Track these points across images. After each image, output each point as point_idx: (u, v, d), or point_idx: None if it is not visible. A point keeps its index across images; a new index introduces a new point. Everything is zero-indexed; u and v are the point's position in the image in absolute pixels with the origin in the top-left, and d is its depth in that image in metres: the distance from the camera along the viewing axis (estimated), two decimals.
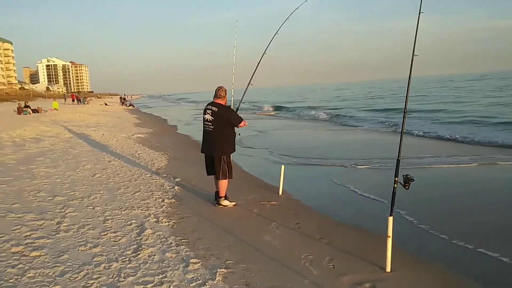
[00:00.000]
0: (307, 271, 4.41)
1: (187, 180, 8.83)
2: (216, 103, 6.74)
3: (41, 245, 4.86)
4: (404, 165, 6.39)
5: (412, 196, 5.65)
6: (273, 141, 16.56)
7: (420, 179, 5.38)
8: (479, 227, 5.85)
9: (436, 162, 10.58)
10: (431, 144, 14.75)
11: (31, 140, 14.43)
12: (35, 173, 8.94)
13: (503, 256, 4.75)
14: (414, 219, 6.12)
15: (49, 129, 18.27)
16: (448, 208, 6.76)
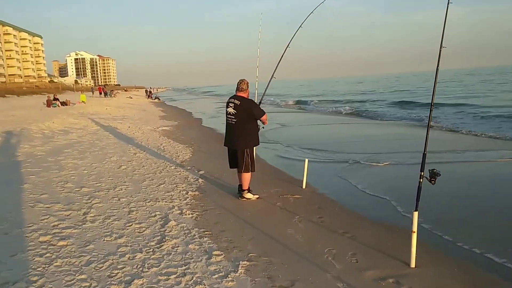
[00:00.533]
0: (330, 265, 4.39)
1: (211, 173, 8.88)
2: (238, 96, 6.73)
3: (68, 235, 4.98)
4: (431, 160, 6.26)
5: (440, 191, 5.54)
6: (297, 134, 16.50)
7: (449, 174, 5.27)
8: (508, 227, 5.70)
9: (465, 157, 10.35)
10: (462, 139, 14.43)
11: (59, 132, 14.76)
12: (63, 164, 9.14)
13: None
14: (441, 215, 6.02)
15: (77, 121, 18.64)
16: (476, 205, 6.61)
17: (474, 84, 59.83)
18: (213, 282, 3.91)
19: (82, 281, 3.83)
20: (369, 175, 8.65)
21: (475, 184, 7.86)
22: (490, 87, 48.33)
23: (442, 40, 4.45)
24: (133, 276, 3.97)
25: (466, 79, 77.75)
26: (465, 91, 43.70)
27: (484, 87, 49.54)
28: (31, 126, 15.25)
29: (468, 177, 8.38)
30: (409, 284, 3.95)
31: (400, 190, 7.45)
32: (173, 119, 23.71)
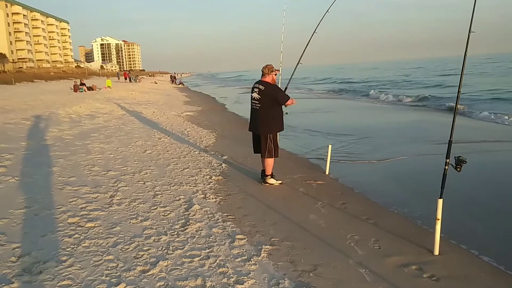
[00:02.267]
0: (352, 251, 4.39)
1: (234, 158, 8.94)
2: (263, 81, 6.72)
3: (95, 217, 5.11)
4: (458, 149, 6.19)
5: (465, 179, 5.46)
6: (321, 120, 16.39)
7: (476, 162, 5.17)
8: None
9: (492, 146, 10.14)
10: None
11: (86, 116, 15.03)
12: (90, 148, 9.33)
13: None
14: (466, 203, 5.94)
15: (103, 106, 18.93)
16: (502, 193, 6.50)
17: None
18: (236, 265, 3.97)
19: (109, 262, 3.94)
20: (394, 163, 8.55)
21: (501, 172, 7.70)
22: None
23: (471, 25, 4.34)
24: (158, 258, 4.06)
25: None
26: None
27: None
28: (58, 111, 15.58)
29: (494, 165, 8.22)
30: (432, 272, 3.94)
31: (425, 177, 7.37)
32: (197, 105, 23.85)
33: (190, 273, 3.79)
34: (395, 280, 3.77)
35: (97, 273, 3.71)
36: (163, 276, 3.71)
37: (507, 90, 25.10)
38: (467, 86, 28.57)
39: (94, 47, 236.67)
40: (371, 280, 3.78)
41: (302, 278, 3.77)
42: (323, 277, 3.80)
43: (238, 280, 3.68)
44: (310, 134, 12.49)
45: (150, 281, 3.62)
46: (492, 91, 25.60)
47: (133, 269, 3.81)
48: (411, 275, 3.89)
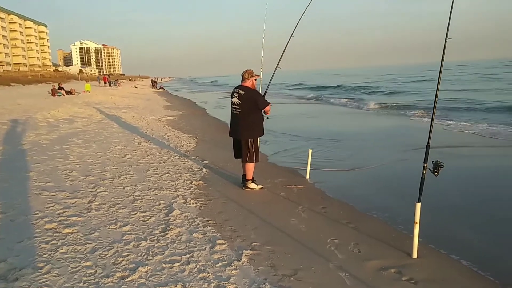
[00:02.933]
0: (332, 255, 4.42)
1: (215, 162, 8.92)
2: (243, 86, 6.73)
3: (73, 223, 5.03)
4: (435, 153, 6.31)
5: (443, 183, 5.55)
6: (301, 125, 16.48)
7: (453, 166, 5.27)
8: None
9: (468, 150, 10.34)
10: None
11: (64, 121, 14.82)
12: (68, 153, 9.19)
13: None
14: (444, 207, 6.04)
15: (82, 110, 18.69)
16: (479, 197, 6.63)
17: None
18: (217, 270, 3.95)
19: (87, 268, 3.88)
20: (374, 166, 8.64)
21: (477, 176, 7.86)
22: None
23: (448, 31, 4.43)
24: (137, 264, 4.01)
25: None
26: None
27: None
28: (36, 115, 15.32)
29: (470, 169, 8.38)
30: (410, 275, 3.98)
31: (404, 181, 7.48)
32: (177, 109, 23.73)
33: (170, 278, 3.76)
34: (374, 284, 3.81)
35: (74, 280, 3.65)
36: (143, 282, 3.67)
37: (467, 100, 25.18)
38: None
39: (73, 51, 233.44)
40: (351, 283, 3.81)
41: (283, 283, 3.77)
42: (304, 281, 3.81)
43: (219, 285, 3.66)
44: (291, 138, 12.52)
45: (129, 287, 3.58)
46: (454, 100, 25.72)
47: (112, 275, 3.76)
48: (390, 279, 3.93)
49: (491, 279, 3.97)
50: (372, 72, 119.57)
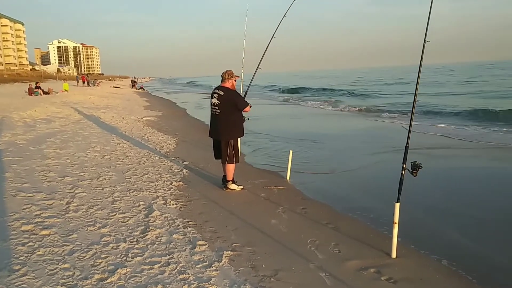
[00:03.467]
0: (312, 255, 4.44)
1: (195, 163, 8.88)
2: (222, 87, 6.72)
3: (50, 224, 4.94)
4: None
5: (421, 184, 5.63)
6: (282, 126, 16.54)
7: (431, 167, 5.35)
8: (486, 217, 5.83)
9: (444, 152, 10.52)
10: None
11: (41, 121, 14.55)
12: (45, 153, 9.03)
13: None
14: (422, 207, 6.13)
15: (60, 110, 18.40)
16: (456, 197, 6.75)
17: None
18: (197, 272, 3.93)
19: (65, 270, 3.81)
20: (354, 168, 8.73)
21: (454, 177, 8.00)
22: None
23: (426, 34, 4.49)
24: (116, 265, 3.97)
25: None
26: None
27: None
28: (12, 115, 15.00)
29: (448, 170, 8.53)
30: (389, 274, 4.03)
31: (383, 182, 7.57)
32: (157, 109, 23.57)
33: (150, 280, 3.72)
34: (354, 283, 3.84)
35: (52, 282, 3.58)
36: (122, 284, 3.63)
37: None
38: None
39: (51, 50, 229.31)
40: (331, 283, 3.83)
41: (263, 283, 3.77)
42: (284, 282, 3.82)
43: (199, 287, 3.64)
44: (272, 139, 12.54)
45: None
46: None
47: (90, 278, 3.70)
48: (370, 278, 3.97)
49: (468, 278, 4.04)
50: (352, 74, 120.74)
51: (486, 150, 10.83)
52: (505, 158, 9.92)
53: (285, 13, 8.21)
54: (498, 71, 72.66)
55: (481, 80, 49.27)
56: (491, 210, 6.09)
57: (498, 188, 7.20)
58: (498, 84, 41.26)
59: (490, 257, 4.56)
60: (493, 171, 8.50)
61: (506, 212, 5.98)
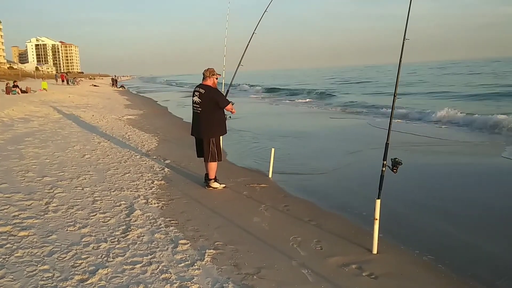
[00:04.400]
0: (295, 252, 4.46)
1: (177, 162, 8.83)
2: (204, 85, 6.70)
3: (29, 225, 4.86)
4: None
5: (401, 180, 5.70)
6: (264, 124, 16.57)
7: (411, 163, 5.42)
8: (465, 213, 5.93)
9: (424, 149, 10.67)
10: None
11: (19, 120, 14.28)
12: (23, 153, 8.87)
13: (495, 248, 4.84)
14: (403, 203, 6.21)
15: (38, 109, 18.09)
16: (435, 193, 6.85)
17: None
18: (179, 271, 3.91)
19: (44, 272, 3.75)
20: (335, 165, 8.79)
21: (434, 173, 8.12)
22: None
23: (406, 32, 4.54)
24: (97, 266, 3.92)
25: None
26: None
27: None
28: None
29: (427, 167, 8.66)
30: (371, 270, 4.07)
31: (364, 178, 7.64)
32: (138, 108, 23.37)
33: (132, 280, 3.69)
34: (336, 280, 3.86)
35: (31, 284, 3.52)
36: (103, 285, 3.59)
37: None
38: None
39: (29, 48, 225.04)
40: (313, 280, 3.85)
41: (246, 281, 3.77)
42: (267, 279, 3.82)
43: (182, 286, 3.62)
44: (254, 137, 12.55)
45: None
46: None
47: (70, 279, 3.65)
48: (351, 274, 4.00)
49: (448, 271, 4.11)
50: (324, 73, 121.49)
51: (451, 147, 11.02)
52: (460, 152, 10.12)
53: (266, 8, 8.22)
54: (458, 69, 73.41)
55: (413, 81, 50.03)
56: (469, 205, 6.19)
57: (474, 183, 7.33)
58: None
59: (469, 250, 4.64)
60: (465, 166, 8.64)
61: (484, 207, 6.10)
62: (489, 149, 10.67)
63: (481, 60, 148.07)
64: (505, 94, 26.87)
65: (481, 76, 52.66)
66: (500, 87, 31.59)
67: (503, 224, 5.44)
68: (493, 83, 36.91)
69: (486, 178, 7.73)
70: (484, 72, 59.93)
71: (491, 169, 8.37)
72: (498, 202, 6.33)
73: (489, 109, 18.38)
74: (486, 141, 11.72)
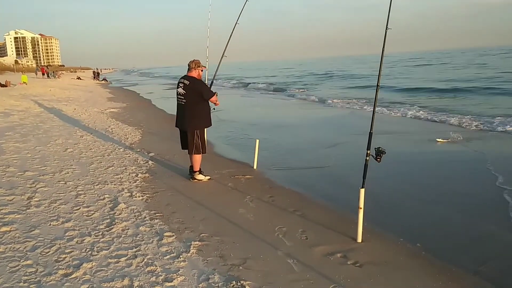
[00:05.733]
0: (280, 242, 4.48)
1: (161, 154, 8.77)
2: (189, 76, 6.65)
3: (11, 220, 4.79)
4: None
5: (384, 169, 5.75)
6: (249, 116, 16.55)
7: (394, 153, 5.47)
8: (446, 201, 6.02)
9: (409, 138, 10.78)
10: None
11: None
12: (4, 148, 8.72)
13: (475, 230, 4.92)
14: (387, 192, 6.28)
15: (18, 103, 17.76)
16: (417, 182, 6.94)
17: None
18: (165, 263, 3.90)
19: (27, 267, 3.70)
20: (320, 154, 8.83)
21: (416, 163, 8.22)
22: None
23: (388, 22, 4.56)
24: (81, 260, 3.88)
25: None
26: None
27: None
28: None
29: (410, 156, 8.76)
30: (355, 258, 4.11)
31: (347, 168, 7.69)
32: (121, 101, 23.12)
33: (117, 273, 3.67)
34: (321, 269, 3.89)
35: (14, 280, 3.48)
36: (88, 279, 3.56)
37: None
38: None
39: (8, 41, 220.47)
40: (298, 269, 3.88)
41: (232, 272, 3.78)
42: (253, 270, 3.84)
43: (167, 278, 3.61)
44: (238, 129, 12.52)
45: (73, 285, 3.45)
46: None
47: (54, 273, 3.61)
48: (337, 263, 4.04)
49: (432, 259, 4.17)
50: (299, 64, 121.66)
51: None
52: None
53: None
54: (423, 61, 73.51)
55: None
56: (452, 193, 6.28)
57: (455, 172, 7.44)
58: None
59: (453, 238, 4.72)
60: (445, 155, 8.76)
61: (466, 194, 6.19)
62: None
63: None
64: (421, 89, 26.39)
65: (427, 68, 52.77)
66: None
67: (487, 211, 5.53)
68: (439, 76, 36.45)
69: (471, 166, 7.84)
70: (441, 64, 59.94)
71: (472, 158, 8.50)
72: (481, 190, 6.43)
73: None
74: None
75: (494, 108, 16.33)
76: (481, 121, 12.54)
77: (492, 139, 10.35)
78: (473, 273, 3.89)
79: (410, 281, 3.72)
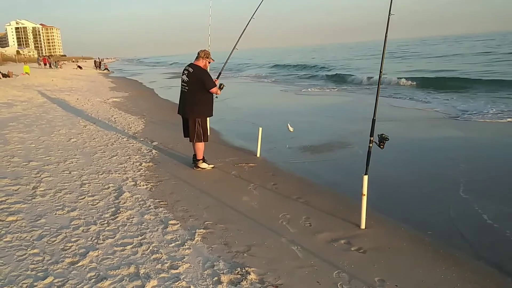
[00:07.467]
0: (284, 229, 4.50)
1: (164, 143, 8.79)
2: (194, 64, 6.64)
3: (17, 210, 4.83)
4: None
5: (387, 156, 5.75)
6: (254, 104, 16.53)
7: (397, 139, 5.46)
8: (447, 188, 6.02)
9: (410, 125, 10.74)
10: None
11: (2, 105, 14.06)
12: (8, 138, 8.76)
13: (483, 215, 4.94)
14: (390, 179, 6.29)
15: (21, 93, 17.79)
16: (420, 169, 6.94)
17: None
18: (170, 251, 3.93)
19: (34, 255, 3.75)
20: (322, 142, 8.82)
21: (419, 150, 8.21)
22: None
23: (391, 7, 4.52)
24: (87, 248, 3.92)
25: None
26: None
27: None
28: None
29: (412, 142, 8.75)
30: (359, 244, 4.13)
31: (350, 155, 7.69)
32: (123, 90, 23.11)
33: (123, 261, 3.71)
34: (325, 255, 3.92)
35: (21, 268, 3.52)
36: (94, 267, 3.60)
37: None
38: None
39: (9, 31, 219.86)
40: (302, 256, 3.91)
41: (237, 259, 3.81)
42: (257, 257, 3.87)
43: (173, 265, 3.65)
44: (241, 117, 12.52)
45: (80, 273, 3.49)
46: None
47: (61, 262, 3.66)
48: (340, 249, 4.07)
49: (435, 244, 4.19)
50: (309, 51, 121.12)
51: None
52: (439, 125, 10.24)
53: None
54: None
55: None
56: (453, 178, 6.28)
57: (457, 157, 7.43)
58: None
59: (454, 224, 4.73)
60: (447, 140, 8.75)
61: (468, 180, 6.18)
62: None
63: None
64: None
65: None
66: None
67: (489, 197, 5.54)
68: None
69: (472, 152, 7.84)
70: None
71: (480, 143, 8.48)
72: (481, 175, 6.43)
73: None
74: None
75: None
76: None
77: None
78: (476, 258, 3.91)
79: (413, 267, 3.74)
